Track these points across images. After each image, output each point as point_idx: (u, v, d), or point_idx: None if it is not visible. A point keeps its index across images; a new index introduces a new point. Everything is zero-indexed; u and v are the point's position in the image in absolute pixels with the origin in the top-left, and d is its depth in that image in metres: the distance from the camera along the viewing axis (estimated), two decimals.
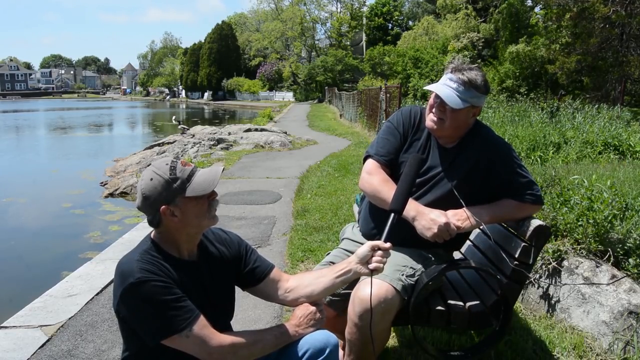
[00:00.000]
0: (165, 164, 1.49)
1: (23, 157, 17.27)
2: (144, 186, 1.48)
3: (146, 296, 1.41)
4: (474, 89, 1.98)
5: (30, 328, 2.91)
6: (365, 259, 1.63)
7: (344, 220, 4.95)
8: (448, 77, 2.01)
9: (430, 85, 2.05)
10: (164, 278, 1.45)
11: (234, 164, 9.37)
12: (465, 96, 1.97)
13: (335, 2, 51.96)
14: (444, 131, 2.06)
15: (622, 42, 16.18)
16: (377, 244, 1.63)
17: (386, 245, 1.63)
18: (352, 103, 20.37)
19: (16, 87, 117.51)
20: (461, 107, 1.97)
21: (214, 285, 1.63)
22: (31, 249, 6.62)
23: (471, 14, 29.31)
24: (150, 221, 1.51)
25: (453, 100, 1.96)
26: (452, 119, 2.01)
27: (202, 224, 1.54)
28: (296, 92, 49.20)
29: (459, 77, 1.98)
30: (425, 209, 1.98)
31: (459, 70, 2.00)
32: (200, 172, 1.52)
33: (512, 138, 6.93)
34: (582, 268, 2.79)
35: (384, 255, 1.63)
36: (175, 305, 1.43)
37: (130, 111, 53.32)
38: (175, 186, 1.46)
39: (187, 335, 1.44)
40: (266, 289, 1.74)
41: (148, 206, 1.48)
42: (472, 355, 2.09)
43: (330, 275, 1.69)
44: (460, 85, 1.97)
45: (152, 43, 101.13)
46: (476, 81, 1.98)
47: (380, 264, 1.62)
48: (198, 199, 1.49)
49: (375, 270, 1.63)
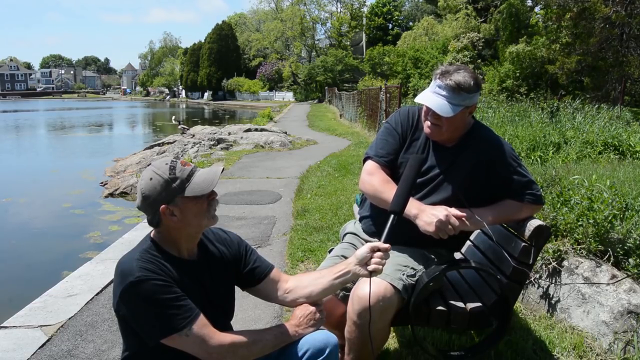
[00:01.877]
0: (165, 163, 1.49)
1: (23, 157, 17.28)
2: (143, 186, 1.48)
3: (146, 295, 1.41)
4: (464, 92, 1.96)
5: (30, 328, 2.91)
6: (364, 260, 1.63)
7: (344, 220, 4.94)
8: (437, 85, 1.99)
9: (420, 96, 2.03)
10: (163, 277, 1.45)
11: (233, 164, 9.37)
12: (457, 101, 1.96)
13: (335, 2, 51.99)
14: (442, 135, 2.06)
15: (622, 42, 16.17)
16: (377, 245, 1.63)
17: (385, 246, 1.63)
18: (352, 103, 20.38)
19: (16, 87, 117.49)
20: (453, 114, 1.96)
21: (214, 285, 1.63)
22: (31, 249, 6.61)
23: (471, 14, 29.29)
24: (150, 221, 1.52)
25: (445, 110, 1.95)
26: (449, 124, 2.01)
27: (202, 223, 1.54)
28: (296, 92, 49.19)
29: (447, 84, 1.95)
30: (427, 206, 1.98)
31: (446, 75, 1.97)
32: (199, 172, 1.52)
33: (512, 138, 6.93)
34: (582, 268, 2.79)
35: (383, 257, 1.62)
36: (175, 304, 1.43)
37: (130, 111, 53.32)
38: (175, 186, 1.46)
39: (187, 334, 1.43)
40: (265, 290, 1.74)
41: (148, 206, 1.48)
42: (472, 355, 2.09)
43: (329, 277, 1.68)
44: (449, 92, 1.95)
45: (151, 43, 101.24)
46: (465, 84, 1.95)
47: (379, 266, 1.62)
48: (197, 198, 1.49)
49: (374, 272, 1.62)
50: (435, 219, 1.91)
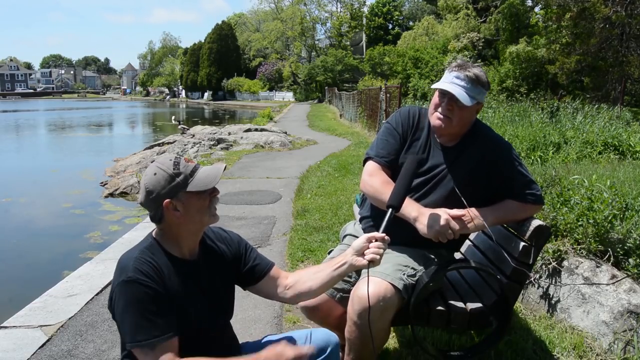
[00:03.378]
0: (169, 159, 1.51)
1: (23, 157, 17.28)
2: (147, 181, 1.49)
3: (129, 298, 1.41)
4: (480, 85, 2.00)
5: (30, 328, 2.91)
6: (361, 250, 1.62)
7: (344, 220, 4.95)
8: (454, 75, 2.00)
9: (437, 83, 2.04)
10: (154, 285, 1.43)
11: (234, 164, 9.37)
12: (474, 93, 1.98)
13: (335, 2, 51.99)
14: (451, 129, 2.05)
15: (622, 42, 16.18)
16: (373, 236, 1.61)
17: (382, 235, 1.61)
18: (352, 103, 20.37)
19: (16, 87, 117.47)
20: (471, 104, 1.98)
21: (214, 284, 1.63)
22: (31, 249, 6.61)
23: (471, 14, 29.30)
24: (153, 217, 1.52)
25: (464, 98, 1.96)
26: (460, 116, 2.01)
27: (204, 220, 1.54)
28: (296, 92, 49.19)
29: (466, 75, 1.98)
30: (427, 209, 1.97)
31: (464, 68, 2.01)
32: (202, 169, 1.54)
33: (512, 138, 6.93)
34: (582, 268, 2.79)
35: (381, 246, 1.60)
36: (150, 318, 1.40)
37: (130, 111, 53.31)
38: (179, 180, 1.47)
39: (146, 352, 1.40)
40: (266, 287, 1.74)
41: (151, 201, 1.48)
42: (472, 355, 2.09)
43: (328, 270, 1.68)
44: (468, 83, 1.98)
45: (150, 43, 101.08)
46: (482, 78, 2.00)
47: (376, 255, 1.59)
48: (200, 194, 1.50)
49: (372, 262, 1.60)
50: (436, 224, 1.91)
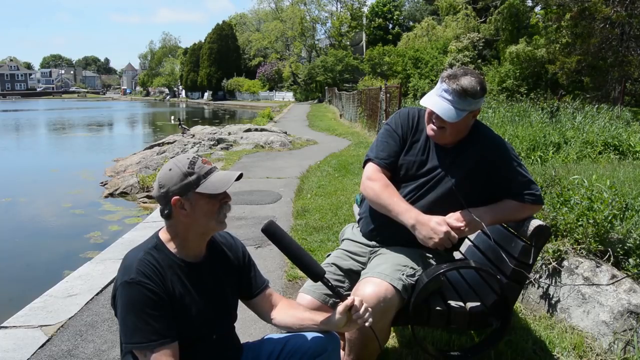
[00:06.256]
0: (187, 158, 1.52)
1: (23, 157, 17.28)
2: (162, 175, 1.50)
3: (130, 299, 1.41)
4: (470, 97, 1.94)
5: (30, 328, 2.91)
6: (342, 323, 1.59)
7: (344, 220, 4.95)
8: (443, 89, 1.96)
9: (425, 98, 2.02)
10: (155, 289, 1.43)
11: (234, 164, 9.37)
12: (462, 106, 1.94)
13: (335, 2, 51.98)
14: (446, 139, 2.05)
15: (622, 42, 16.18)
16: (346, 305, 1.57)
17: (351, 300, 1.58)
18: (352, 103, 20.38)
19: (16, 87, 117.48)
20: (458, 119, 1.95)
21: (218, 288, 1.62)
22: (31, 249, 6.61)
23: (471, 15, 29.32)
24: (162, 212, 1.52)
25: (450, 115, 1.93)
26: (453, 127, 1.99)
27: (210, 225, 1.53)
28: (296, 92, 49.17)
29: (454, 89, 1.93)
30: (425, 216, 1.96)
31: (453, 79, 1.95)
32: (217, 172, 1.53)
33: (512, 138, 6.93)
34: (582, 268, 2.79)
35: (365, 311, 1.58)
36: (149, 321, 1.41)
37: (130, 111, 53.31)
38: (191, 179, 1.47)
39: (145, 354, 1.41)
40: (257, 306, 1.76)
41: (162, 195, 1.49)
42: (472, 355, 2.09)
43: (312, 321, 1.66)
44: (455, 96, 1.93)
45: (151, 43, 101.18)
46: (471, 89, 1.93)
47: (368, 319, 1.58)
48: (210, 197, 1.49)
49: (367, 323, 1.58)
50: (436, 235, 1.91)
